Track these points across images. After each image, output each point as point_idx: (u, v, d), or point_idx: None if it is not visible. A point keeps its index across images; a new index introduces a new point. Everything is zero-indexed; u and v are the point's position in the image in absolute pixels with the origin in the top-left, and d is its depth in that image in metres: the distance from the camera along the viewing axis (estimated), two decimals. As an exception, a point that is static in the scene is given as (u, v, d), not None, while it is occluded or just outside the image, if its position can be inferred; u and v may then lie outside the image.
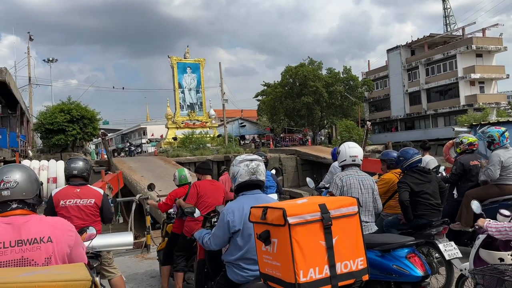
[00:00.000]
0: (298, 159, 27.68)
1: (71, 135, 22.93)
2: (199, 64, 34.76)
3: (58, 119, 22.57)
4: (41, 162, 10.55)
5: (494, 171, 4.98)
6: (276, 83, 39.01)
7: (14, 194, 1.91)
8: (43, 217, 1.96)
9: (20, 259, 1.78)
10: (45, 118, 23.02)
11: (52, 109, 23.61)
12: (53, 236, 1.86)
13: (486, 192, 5.16)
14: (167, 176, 15.93)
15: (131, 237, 3.63)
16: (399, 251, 3.25)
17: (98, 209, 3.89)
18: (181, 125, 32.54)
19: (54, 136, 22.81)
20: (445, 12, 51.29)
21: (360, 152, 3.90)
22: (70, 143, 23.86)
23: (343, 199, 2.25)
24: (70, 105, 23.98)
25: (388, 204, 4.86)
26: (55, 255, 1.84)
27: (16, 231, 1.82)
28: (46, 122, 22.67)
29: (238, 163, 2.74)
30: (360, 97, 38.85)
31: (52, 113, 23.07)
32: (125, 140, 51.71)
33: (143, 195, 7.39)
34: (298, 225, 2.00)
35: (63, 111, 23.03)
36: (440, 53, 38.16)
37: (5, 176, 1.93)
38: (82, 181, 3.92)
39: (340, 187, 3.74)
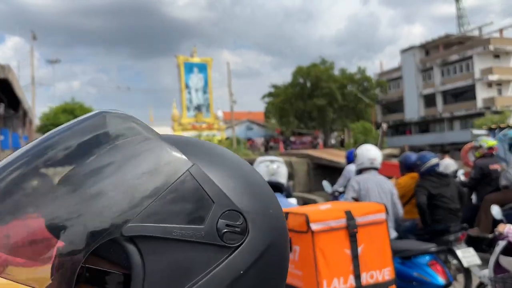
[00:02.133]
0: (310, 163, 27.55)
1: (74, 136, 23.21)
2: (206, 64, 34.84)
3: (61, 119, 22.87)
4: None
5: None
6: (287, 83, 38.86)
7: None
8: None
9: None
10: (48, 118, 23.32)
11: (55, 110, 23.91)
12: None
13: (506, 197, 5.10)
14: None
15: None
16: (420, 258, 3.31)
17: None
18: (188, 127, 32.62)
19: (58, 138, 23.09)
20: (459, 12, 51.17)
21: (378, 155, 3.92)
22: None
23: (370, 205, 2.24)
24: (73, 105, 24.26)
25: (404, 209, 4.85)
26: None
27: None
28: (50, 123, 22.99)
29: (258, 163, 2.78)
30: (373, 99, 38.61)
31: (55, 114, 23.36)
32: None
33: None
34: (322, 232, 1.97)
35: (66, 112, 23.32)
36: (456, 54, 37.90)
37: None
38: None
39: (357, 191, 3.70)
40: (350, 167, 5.91)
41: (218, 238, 0.47)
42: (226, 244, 0.47)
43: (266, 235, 0.50)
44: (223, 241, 0.47)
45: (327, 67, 36.80)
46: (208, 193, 0.48)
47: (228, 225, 0.48)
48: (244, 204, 0.50)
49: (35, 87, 26.95)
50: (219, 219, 0.47)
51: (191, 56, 34.43)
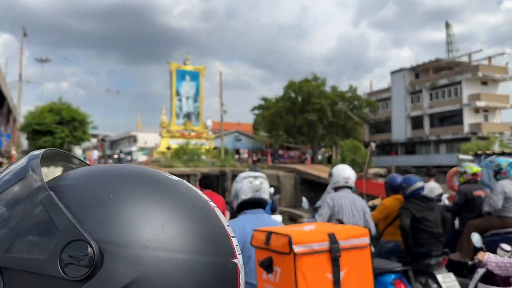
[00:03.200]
0: (298, 178, 27.48)
1: (59, 137, 22.73)
2: (199, 73, 34.75)
3: (47, 119, 22.39)
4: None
5: (496, 200, 5.02)
6: (278, 97, 38.99)
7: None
8: None
9: None
10: (33, 117, 22.81)
11: (41, 109, 23.43)
12: None
13: (488, 224, 5.18)
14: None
15: None
16: (385, 277, 3.36)
17: None
18: (176, 135, 32.35)
19: (41, 137, 22.56)
20: (448, 38, 52.42)
21: (353, 175, 4.05)
22: (58, 146, 23.64)
23: (354, 229, 2.20)
24: (61, 105, 23.82)
25: (388, 231, 4.93)
26: None
27: None
28: (34, 122, 22.46)
29: (241, 179, 2.70)
30: (363, 118, 38.95)
31: (41, 113, 22.88)
32: (115, 147, 51.43)
33: None
34: (304, 255, 1.92)
35: (53, 111, 22.87)
36: (445, 78, 38.53)
37: None
38: None
39: (331, 207, 3.84)
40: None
41: (59, 270, 0.43)
42: (66, 277, 0.43)
43: (130, 268, 0.44)
44: (64, 274, 0.43)
45: (318, 83, 37.06)
46: (55, 222, 0.45)
47: (72, 256, 0.43)
48: (101, 234, 0.45)
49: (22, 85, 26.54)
50: (63, 250, 0.44)
51: (184, 63, 34.33)
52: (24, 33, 28.22)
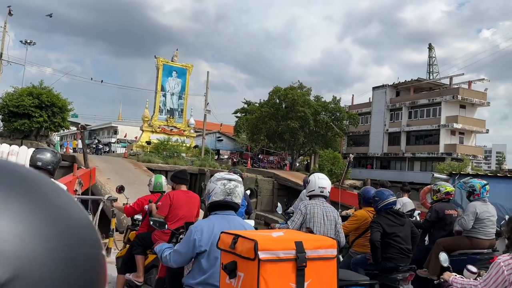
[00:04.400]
0: (275, 183, 27.44)
1: (36, 121, 22.06)
2: (186, 70, 34.42)
3: (25, 102, 21.71)
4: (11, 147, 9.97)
5: (467, 221, 5.05)
6: (262, 101, 38.93)
7: None
8: None
9: None
10: (10, 99, 22.10)
11: (20, 91, 22.74)
12: None
13: (456, 243, 5.22)
14: (136, 181, 15.28)
15: None
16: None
17: None
18: (157, 130, 31.94)
19: (18, 120, 21.88)
20: (430, 60, 53.64)
21: (328, 184, 4.04)
22: (35, 130, 22.93)
23: (322, 239, 2.12)
24: (41, 89, 23.18)
25: (357, 242, 4.93)
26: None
27: None
28: (11, 104, 21.76)
29: (215, 180, 2.64)
30: (343, 130, 39.30)
31: (19, 95, 22.19)
32: (93, 136, 50.48)
33: (111, 196, 7.12)
34: (268, 262, 1.85)
35: (32, 95, 22.20)
36: (425, 98, 39.20)
37: None
38: (45, 173, 3.67)
39: (303, 214, 3.83)
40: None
41: None
42: None
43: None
44: None
45: (304, 92, 37.20)
46: None
47: None
48: None
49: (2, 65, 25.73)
50: None
51: (172, 59, 33.97)
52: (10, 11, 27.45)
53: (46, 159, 3.72)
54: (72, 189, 10.02)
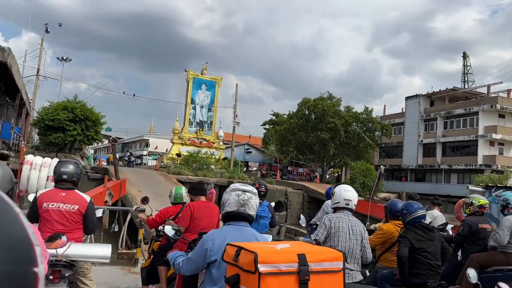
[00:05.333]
0: (305, 196, 27.04)
1: (70, 135, 22.72)
2: (215, 82, 34.74)
3: (60, 116, 22.38)
4: (44, 159, 10.44)
5: (502, 236, 4.85)
6: (291, 113, 38.79)
7: None
8: None
9: None
10: (46, 113, 22.90)
11: (55, 106, 23.56)
12: None
13: (491, 258, 5.00)
14: (166, 194, 15.48)
15: (108, 251, 3.63)
16: None
17: (81, 217, 3.79)
18: (187, 142, 32.26)
19: (53, 133, 22.56)
20: (465, 69, 52.12)
21: (354, 197, 3.87)
22: (69, 143, 23.61)
23: (327, 252, 2.05)
24: (75, 103, 23.95)
25: (384, 257, 4.81)
26: None
27: None
28: (47, 118, 22.52)
29: (230, 191, 2.63)
30: (375, 141, 38.52)
31: (55, 109, 22.96)
32: (126, 149, 51.72)
33: (140, 206, 7.33)
34: (269, 275, 1.80)
35: (67, 109, 22.96)
36: (461, 108, 37.96)
37: None
38: (70, 185, 3.85)
39: (328, 228, 3.69)
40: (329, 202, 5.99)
41: None
42: None
43: None
44: None
45: (334, 102, 36.82)
46: None
47: None
48: None
49: (39, 80, 26.90)
50: None
51: (202, 72, 34.50)
52: (46, 29, 28.73)
53: (71, 171, 3.84)
54: (102, 200, 10.27)
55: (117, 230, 10.03)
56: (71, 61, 37.37)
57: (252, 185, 5.71)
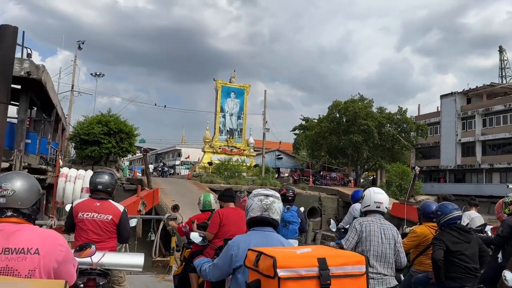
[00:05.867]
0: (340, 201, 26.62)
1: (105, 148, 23.39)
2: (244, 90, 34.94)
3: (95, 130, 23.07)
4: (78, 171, 10.92)
5: None
6: (322, 117, 38.44)
7: (9, 203, 1.94)
8: (36, 228, 1.98)
9: (4, 268, 1.80)
10: (81, 128, 23.73)
11: (90, 120, 24.37)
12: (41, 249, 1.87)
13: None
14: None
15: (141, 259, 3.67)
16: None
17: (114, 226, 3.89)
18: (218, 150, 32.50)
19: (88, 147, 23.28)
20: (502, 63, 50.21)
21: (385, 199, 3.75)
22: (104, 156, 24.33)
23: (349, 255, 2.05)
24: (109, 117, 24.69)
25: (418, 260, 4.65)
26: (40, 268, 1.85)
27: (4, 239, 1.84)
28: (82, 132, 23.29)
29: (253, 196, 2.63)
30: (411, 142, 37.52)
31: (89, 124, 23.74)
32: (159, 160, 52.79)
33: (171, 214, 7.50)
34: (289, 280, 1.80)
35: (101, 123, 23.68)
36: (501, 104, 36.51)
37: (3, 183, 1.97)
38: (104, 195, 3.97)
39: (358, 232, 3.57)
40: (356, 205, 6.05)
41: None
42: None
43: None
44: None
45: (365, 104, 36.22)
46: None
47: None
48: None
49: (73, 96, 27.94)
50: None
51: (230, 81, 34.83)
52: (79, 45, 29.93)
53: (106, 182, 3.97)
54: (136, 209, 10.53)
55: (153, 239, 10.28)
56: (104, 76, 38.74)
57: (279, 190, 5.73)
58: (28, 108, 12.55)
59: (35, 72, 10.24)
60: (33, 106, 15.02)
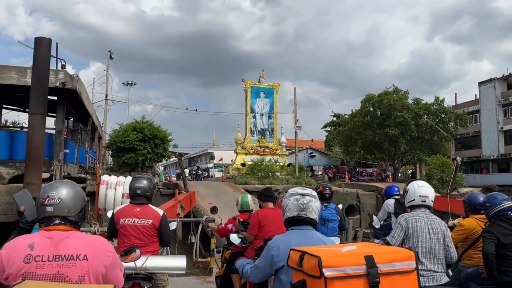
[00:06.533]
0: (379, 197, 26.06)
1: (141, 154, 23.99)
2: (273, 89, 34.83)
3: (130, 137, 23.69)
4: (118, 178, 11.22)
5: None
6: (355, 111, 37.83)
7: (56, 211, 2.02)
8: (83, 234, 2.05)
9: (56, 274, 1.86)
10: (117, 136, 24.44)
11: (125, 127, 25.03)
12: (89, 255, 1.93)
13: None
14: (235, 203, 15.89)
15: (184, 262, 3.71)
16: None
17: (155, 230, 3.95)
18: (250, 151, 32.51)
19: (125, 154, 23.91)
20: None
21: (431, 193, 3.60)
22: (140, 162, 24.94)
23: (397, 251, 1.99)
24: (143, 124, 25.30)
25: (468, 254, 4.51)
26: (89, 274, 1.91)
27: (54, 246, 1.92)
28: (118, 140, 23.98)
29: (289, 196, 2.61)
30: (451, 132, 36.11)
31: (125, 131, 24.41)
32: (192, 163, 53.54)
33: (209, 217, 7.58)
34: (336, 279, 1.75)
35: (136, 130, 24.29)
36: (545, 88, 34.94)
37: (50, 192, 2.04)
38: (144, 200, 4.03)
39: (404, 229, 3.43)
40: (390, 201, 6.37)
41: None
42: None
43: None
44: None
45: (400, 95, 35.35)
46: None
47: None
48: None
49: (107, 105, 28.76)
50: None
51: (259, 81, 34.87)
52: (110, 55, 30.81)
53: (144, 187, 4.04)
54: (174, 213, 10.71)
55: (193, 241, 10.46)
56: (136, 85, 39.66)
57: (315, 188, 5.67)
58: (65, 119, 12.89)
59: (70, 82, 10.50)
60: (70, 116, 15.50)
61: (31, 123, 8.79)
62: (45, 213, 2.02)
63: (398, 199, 6.72)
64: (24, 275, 1.85)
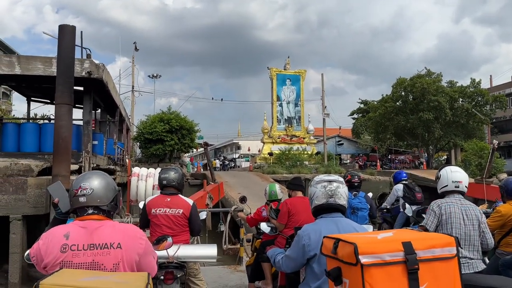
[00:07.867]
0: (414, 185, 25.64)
1: (169, 145, 24.43)
2: (299, 76, 34.36)
3: (157, 128, 24.14)
4: (148, 170, 11.41)
5: None
6: (387, 96, 37.11)
7: (89, 201, 2.11)
8: (116, 223, 2.13)
9: (91, 263, 1.95)
10: (144, 127, 24.94)
11: (152, 119, 25.51)
12: (123, 243, 2.01)
13: None
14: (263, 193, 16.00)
15: (214, 250, 3.86)
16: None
17: (186, 220, 4.08)
18: (278, 140, 32.37)
19: (153, 146, 24.42)
20: None
21: (464, 178, 3.57)
22: (168, 153, 25.42)
23: (436, 237, 1.94)
24: (169, 115, 25.71)
25: (505, 241, 4.40)
26: (123, 262, 1.99)
27: (89, 235, 2.00)
28: (146, 132, 24.50)
29: (315, 183, 2.61)
30: (488, 116, 34.72)
31: (152, 122, 24.88)
32: (218, 154, 54.00)
33: (238, 207, 7.73)
34: (373, 266, 1.73)
35: (163, 121, 24.69)
36: None
37: (82, 183, 2.14)
38: (174, 190, 4.18)
39: (438, 215, 3.40)
40: (399, 186, 7.17)
41: None
42: None
43: None
44: None
45: (434, 79, 34.39)
46: None
47: None
48: None
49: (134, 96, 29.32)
50: None
51: (284, 68, 34.53)
52: (135, 47, 31.36)
53: (170, 177, 4.18)
54: (204, 203, 10.89)
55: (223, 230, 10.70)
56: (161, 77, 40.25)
57: (344, 177, 5.68)
58: (92, 110, 12.89)
59: (96, 72, 10.28)
60: (97, 107, 15.64)
61: (57, 114, 8.61)
62: (78, 204, 2.11)
63: (406, 184, 7.14)
64: (61, 264, 1.93)
